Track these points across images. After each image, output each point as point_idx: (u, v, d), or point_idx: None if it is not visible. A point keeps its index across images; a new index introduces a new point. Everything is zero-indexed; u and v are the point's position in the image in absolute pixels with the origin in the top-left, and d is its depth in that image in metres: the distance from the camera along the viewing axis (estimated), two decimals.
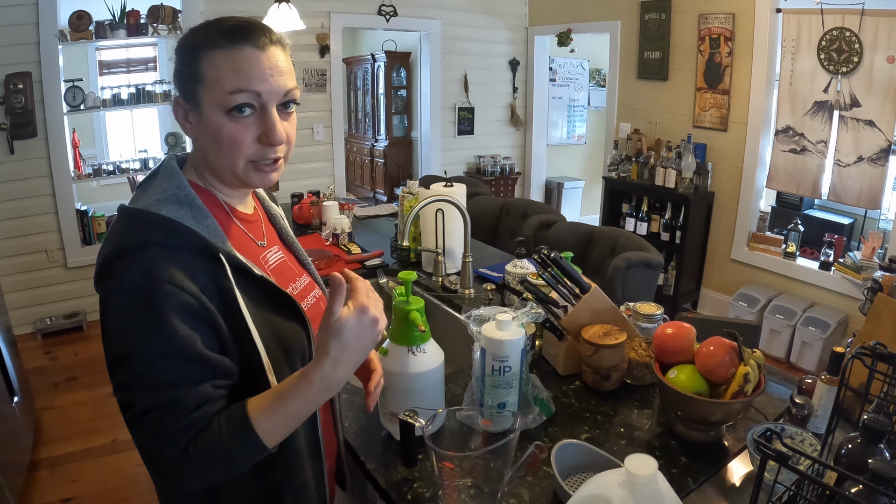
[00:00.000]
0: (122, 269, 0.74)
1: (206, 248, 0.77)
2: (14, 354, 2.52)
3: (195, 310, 0.74)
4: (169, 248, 0.75)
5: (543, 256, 1.29)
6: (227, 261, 0.79)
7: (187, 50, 0.80)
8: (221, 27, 0.79)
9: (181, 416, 0.72)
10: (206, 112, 0.79)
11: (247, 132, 0.80)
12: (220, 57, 0.78)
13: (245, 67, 0.78)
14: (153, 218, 0.76)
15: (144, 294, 0.72)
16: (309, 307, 0.94)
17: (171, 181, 0.81)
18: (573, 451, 0.99)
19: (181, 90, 0.82)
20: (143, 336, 0.72)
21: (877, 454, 0.70)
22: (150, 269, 0.72)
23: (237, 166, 0.81)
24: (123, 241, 0.75)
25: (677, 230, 3.86)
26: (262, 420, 0.74)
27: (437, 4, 4.80)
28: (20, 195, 3.48)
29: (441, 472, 0.87)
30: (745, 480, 1.02)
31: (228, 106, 0.78)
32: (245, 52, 0.78)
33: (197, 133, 0.83)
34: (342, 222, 2.36)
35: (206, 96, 0.79)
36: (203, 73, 0.78)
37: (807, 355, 3.26)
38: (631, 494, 0.66)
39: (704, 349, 1.09)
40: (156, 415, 0.72)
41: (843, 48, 3.07)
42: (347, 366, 0.76)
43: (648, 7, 4.08)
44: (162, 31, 3.72)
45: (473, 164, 5.35)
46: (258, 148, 0.81)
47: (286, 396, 0.75)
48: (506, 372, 1.06)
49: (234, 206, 0.91)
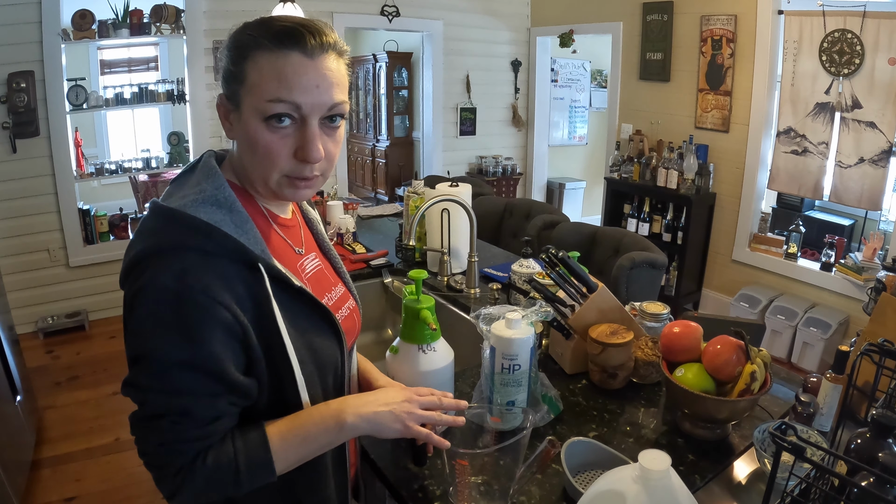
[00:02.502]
0: (154, 269, 0.70)
1: (245, 256, 0.73)
2: (16, 353, 2.51)
3: (227, 323, 0.71)
4: (206, 255, 0.71)
5: (551, 256, 1.30)
6: (266, 271, 0.75)
7: (235, 48, 0.76)
8: (271, 27, 0.74)
9: (194, 427, 0.71)
10: (244, 116, 0.75)
11: (283, 144, 0.75)
12: (264, 60, 0.73)
13: (288, 75, 0.72)
14: (192, 221, 0.72)
15: (175, 300, 0.69)
16: (343, 319, 0.90)
17: (211, 181, 0.76)
18: (582, 448, 1.00)
19: (225, 88, 0.78)
20: (167, 341, 0.69)
21: (886, 448, 0.71)
22: (184, 275, 0.69)
23: (270, 178, 0.77)
24: (158, 241, 0.72)
25: (679, 231, 3.87)
26: (279, 450, 0.74)
27: (439, 5, 4.81)
28: (22, 194, 3.48)
29: (453, 470, 0.87)
30: (751, 478, 1.03)
31: (266, 114, 0.73)
32: (291, 59, 0.72)
33: (236, 135, 0.79)
34: (346, 222, 2.36)
35: (246, 99, 0.75)
36: (247, 74, 0.74)
37: (808, 356, 3.27)
38: (644, 489, 0.66)
39: (711, 348, 1.10)
40: (167, 422, 0.70)
41: (845, 50, 3.08)
42: (369, 422, 0.80)
43: (650, 8, 4.09)
44: (165, 30, 3.73)
45: (475, 164, 5.36)
46: (294, 163, 0.76)
47: (310, 437, 0.77)
48: (515, 370, 1.06)
49: (274, 210, 0.86)
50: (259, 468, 0.73)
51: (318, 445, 0.78)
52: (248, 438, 0.74)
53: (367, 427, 0.80)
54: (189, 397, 0.70)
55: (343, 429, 0.78)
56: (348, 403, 0.80)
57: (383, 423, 0.80)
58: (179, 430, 0.70)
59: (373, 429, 0.80)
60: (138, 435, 0.73)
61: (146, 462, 0.73)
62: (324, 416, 0.78)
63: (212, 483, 0.72)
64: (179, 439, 0.71)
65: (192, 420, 0.71)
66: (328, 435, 0.78)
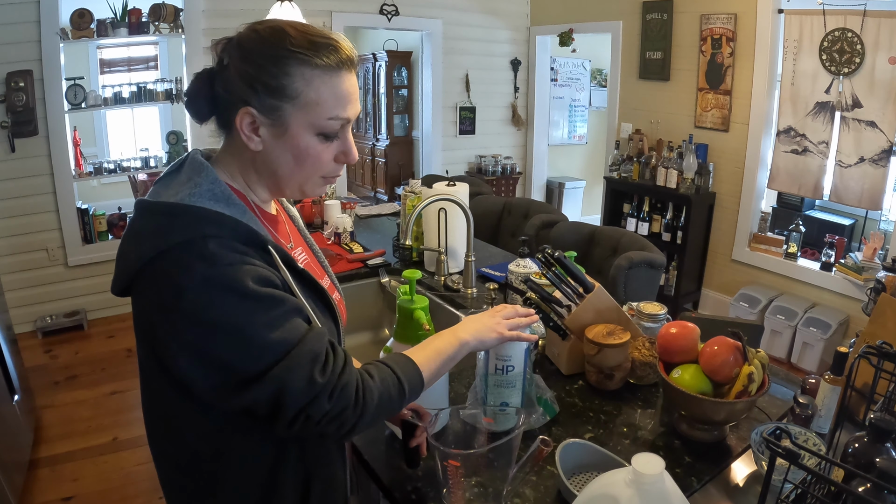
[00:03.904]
0: (181, 270, 0.67)
1: (257, 239, 0.76)
2: (14, 353, 2.51)
3: (274, 281, 0.74)
4: (222, 240, 0.71)
5: (547, 255, 1.29)
6: (277, 252, 0.78)
7: (274, 61, 0.74)
8: (319, 45, 0.76)
9: (332, 360, 0.75)
10: (293, 130, 0.77)
11: (329, 152, 0.82)
12: (319, 79, 0.76)
13: (346, 94, 0.79)
14: (199, 211, 0.72)
15: (223, 282, 0.68)
16: None
17: (202, 176, 0.76)
18: (577, 450, 0.99)
19: (259, 101, 0.75)
20: (243, 319, 0.68)
21: (884, 453, 0.70)
22: (216, 259, 0.68)
23: (310, 182, 0.84)
24: (166, 239, 0.69)
25: (678, 230, 3.86)
26: (421, 361, 0.86)
27: (439, 4, 4.80)
28: (21, 193, 3.48)
29: (446, 471, 0.86)
30: (748, 480, 1.02)
31: (325, 130, 0.78)
32: (344, 79, 0.78)
33: (270, 147, 0.78)
34: (344, 221, 2.36)
35: (296, 115, 0.76)
36: (297, 91, 0.75)
37: (808, 356, 3.26)
38: (638, 493, 0.66)
39: (708, 349, 1.09)
40: (315, 369, 0.71)
41: (845, 49, 3.06)
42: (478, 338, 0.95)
43: (650, 7, 4.08)
44: (163, 29, 3.72)
45: (474, 163, 5.35)
46: (333, 166, 0.84)
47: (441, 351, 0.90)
48: (509, 371, 1.05)
49: (263, 207, 0.89)
50: (412, 375, 0.83)
51: (447, 358, 0.90)
52: (391, 358, 0.85)
53: (475, 343, 0.95)
54: (304, 344, 0.73)
55: (462, 344, 0.92)
56: (459, 328, 0.96)
57: (486, 336, 0.96)
58: (329, 367, 0.74)
59: (480, 343, 0.96)
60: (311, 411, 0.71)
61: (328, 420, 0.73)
62: (445, 337, 0.92)
63: (383, 399, 0.78)
64: (336, 371, 0.74)
65: (327, 356, 0.75)
66: (451, 349, 0.91)
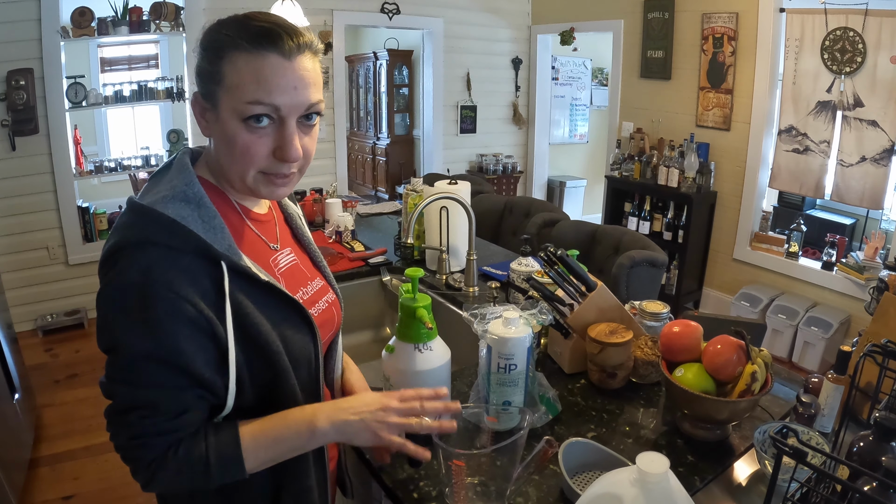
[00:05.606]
0: (121, 264, 0.72)
1: (208, 252, 0.74)
2: (15, 351, 2.51)
3: (192, 317, 0.71)
4: (170, 250, 0.73)
5: (550, 254, 1.28)
6: (229, 267, 0.76)
7: (211, 47, 0.76)
8: (249, 27, 0.74)
9: (162, 420, 0.72)
10: (222, 115, 0.76)
11: (262, 144, 0.76)
12: (242, 61, 0.73)
13: (267, 77, 0.73)
14: (157, 217, 0.73)
15: (139, 295, 0.70)
16: (319, 313, 0.92)
17: (181, 178, 0.78)
18: (580, 449, 0.99)
19: (201, 87, 0.78)
20: (132, 334, 0.71)
21: (889, 452, 0.69)
22: (149, 270, 0.71)
23: (247, 176, 0.78)
24: (126, 236, 0.73)
25: (680, 229, 3.85)
26: (250, 448, 0.76)
27: (440, 3, 4.79)
28: (21, 192, 3.48)
29: (449, 471, 0.86)
30: (751, 479, 1.02)
31: (245, 115, 0.74)
32: (269, 61, 0.73)
33: (213, 133, 0.80)
34: (345, 220, 2.35)
35: (223, 99, 0.75)
36: (224, 74, 0.74)
37: (809, 355, 3.26)
38: (642, 492, 0.65)
39: (712, 347, 1.08)
40: (136, 416, 0.72)
41: (847, 48, 3.06)
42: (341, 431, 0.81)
43: (652, 6, 4.07)
44: (164, 27, 3.72)
45: (475, 162, 5.35)
46: (272, 161, 0.78)
47: (281, 439, 0.78)
48: (511, 370, 1.05)
49: (248, 206, 0.88)
50: (230, 464, 0.75)
51: (290, 448, 0.80)
52: (221, 435, 0.76)
53: (336, 435, 0.81)
54: (155, 390, 0.72)
55: (315, 434, 0.79)
56: (322, 409, 0.81)
57: (353, 432, 0.81)
58: (148, 423, 0.72)
59: (343, 437, 0.82)
60: (112, 430, 0.75)
61: (121, 456, 0.75)
62: (297, 420, 0.79)
63: (183, 475, 0.74)
64: (149, 433, 0.72)
65: (160, 413, 0.72)
66: (300, 439, 0.79)
